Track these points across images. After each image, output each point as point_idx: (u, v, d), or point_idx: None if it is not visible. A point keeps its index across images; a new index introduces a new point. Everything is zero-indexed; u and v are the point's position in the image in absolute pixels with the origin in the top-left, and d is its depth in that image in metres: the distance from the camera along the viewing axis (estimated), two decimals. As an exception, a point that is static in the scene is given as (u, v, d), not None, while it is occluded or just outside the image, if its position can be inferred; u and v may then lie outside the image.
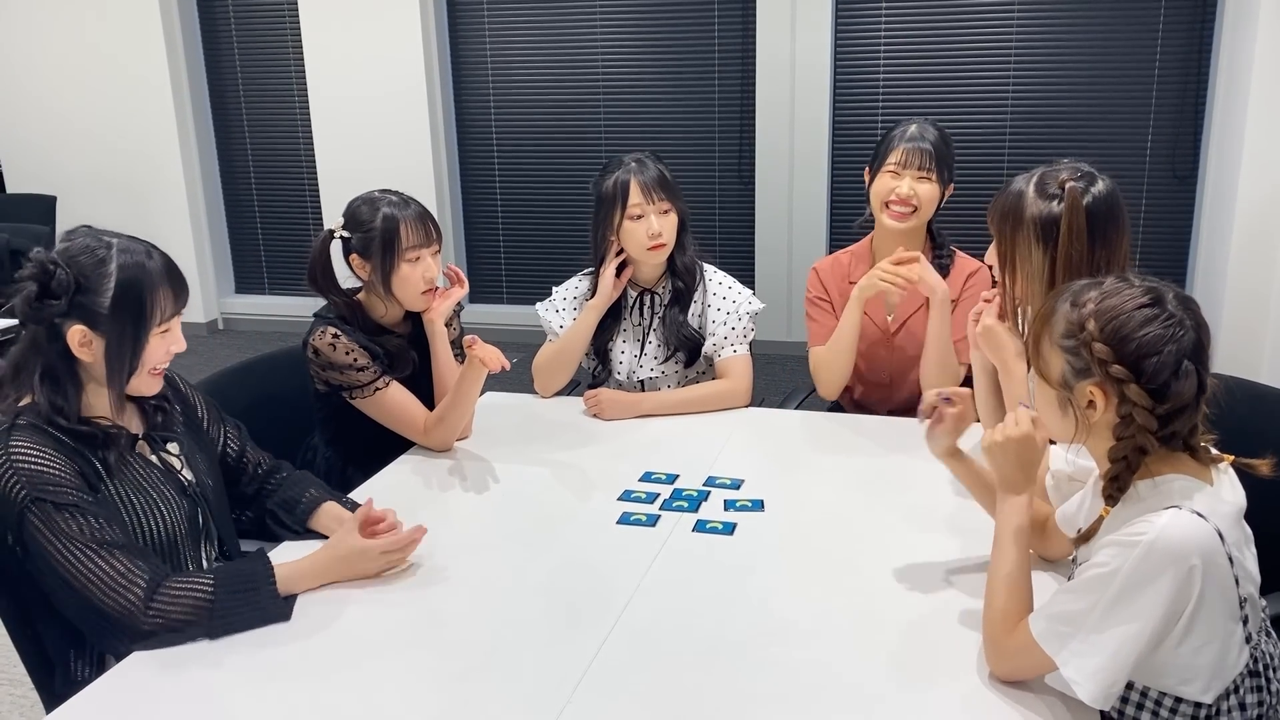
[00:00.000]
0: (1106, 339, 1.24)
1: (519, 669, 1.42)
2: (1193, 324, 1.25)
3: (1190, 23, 4.68)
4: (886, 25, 5.04)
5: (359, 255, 2.16)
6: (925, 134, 2.39)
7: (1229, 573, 1.22)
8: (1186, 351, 1.23)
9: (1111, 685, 1.21)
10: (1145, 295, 1.25)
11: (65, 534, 1.45)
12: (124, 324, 1.53)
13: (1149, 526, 1.20)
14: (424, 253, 2.16)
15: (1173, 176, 4.89)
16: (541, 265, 5.85)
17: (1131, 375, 1.23)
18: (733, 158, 5.45)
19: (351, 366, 2.12)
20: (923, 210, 2.37)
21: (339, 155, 5.78)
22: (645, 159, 2.41)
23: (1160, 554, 1.19)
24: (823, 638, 1.48)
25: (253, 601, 1.51)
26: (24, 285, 1.50)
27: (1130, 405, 1.23)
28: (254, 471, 1.88)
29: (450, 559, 1.74)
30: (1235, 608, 1.24)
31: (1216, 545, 1.21)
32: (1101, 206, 1.73)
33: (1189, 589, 1.19)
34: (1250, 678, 1.27)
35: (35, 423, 1.51)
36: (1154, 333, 1.23)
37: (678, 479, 2.04)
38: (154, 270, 1.55)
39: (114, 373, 1.55)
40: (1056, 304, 1.32)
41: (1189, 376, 1.23)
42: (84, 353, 1.53)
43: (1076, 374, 1.28)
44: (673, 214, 2.41)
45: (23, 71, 6.08)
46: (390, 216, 2.12)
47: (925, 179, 2.36)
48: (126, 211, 6.08)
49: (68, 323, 1.51)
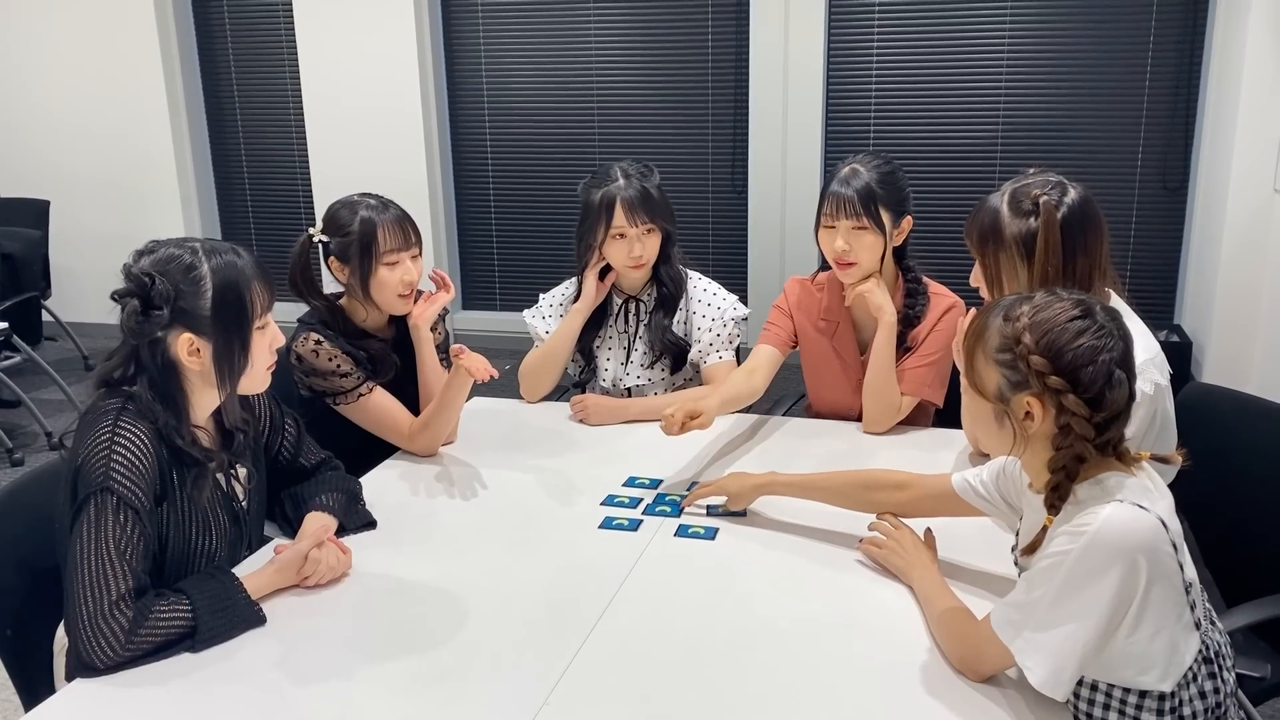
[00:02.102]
0: (1043, 351, 1.27)
1: (497, 671, 1.42)
2: (1120, 334, 1.29)
3: (1180, 35, 4.71)
4: (879, 36, 5.06)
5: (338, 259, 2.17)
6: (854, 179, 2.18)
7: (1174, 559, 1.25)
8: (1117, 360, 1.27)
9: (1060, 671, 1.24)
10: (1076, 308, 1.29)
11: (105, 530, 1.44)
12: (228, 324, 1.55)
13: (1094, 518, 1.23)
14: (402, 256, 2.15)
15: (1163, 188, 4.90)
16: (535, 272, 5.85)
17: (1069, 385, 1.26)
18: (725, 168, 5.47)
19: (334, 373, 2.13)
20: (863, 263, 2.22)
21: (333, 161, 5.78)
22: (633, 172, 2.39)
23: (1104, 546, 1.21)
24: (803, 641, 1.48)
25: (230, 611, 1.51)
26: (125, 302, 1.51)
27: (1069, 415, 1.26)
28: (300, 471, 1.90)
29: (432, 562, 1.74)
30: (1182, 594, 1.26)
31: (1160, 534, 1.23)
32: (1077, 215, 1.74)
33: (1134, 580, 1.22)
34: (1205, 664, 1.30)
35: (146, 413, 1.52)
36: (1087, 344, 1.26)
37: (661, 484, 2.05)
38: (246, 267, 1.58)
39: (224, 375, 1.57)
40: (988, 319, 1.35)
41: (1121, 385, 1.26)
42: (193, 361, 1.55)
43: (1013, 387, 1.31)
44: (656, 233, 2.41)
45: (16, 76, 6.09)
46: (368, 220, 2.13)
47: (861, 229, 2.18)
48: (120, 216, 6.09)
49: (172, 332, 1.53)
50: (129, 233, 1.59)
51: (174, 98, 5.94)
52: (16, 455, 4.29)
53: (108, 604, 1.42)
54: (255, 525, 1.79)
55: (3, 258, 4.81)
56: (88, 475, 1.46)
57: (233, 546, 1.71)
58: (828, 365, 2.41)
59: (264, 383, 1.67)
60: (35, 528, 1.62)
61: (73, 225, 6.06)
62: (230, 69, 6.06)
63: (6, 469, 4.22)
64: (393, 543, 1.83)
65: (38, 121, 6.13)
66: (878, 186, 2.18)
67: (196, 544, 1.62)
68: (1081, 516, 1.25)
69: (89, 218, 6.14)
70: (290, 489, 1.88)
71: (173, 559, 1.60)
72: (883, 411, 2.27)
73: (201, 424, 1.63)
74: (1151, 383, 1.70)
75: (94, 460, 1.47)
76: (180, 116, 5.99)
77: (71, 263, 5.94)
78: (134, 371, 1.56)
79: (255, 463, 1.78)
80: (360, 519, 1.87)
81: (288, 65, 5.90)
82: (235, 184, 6.26)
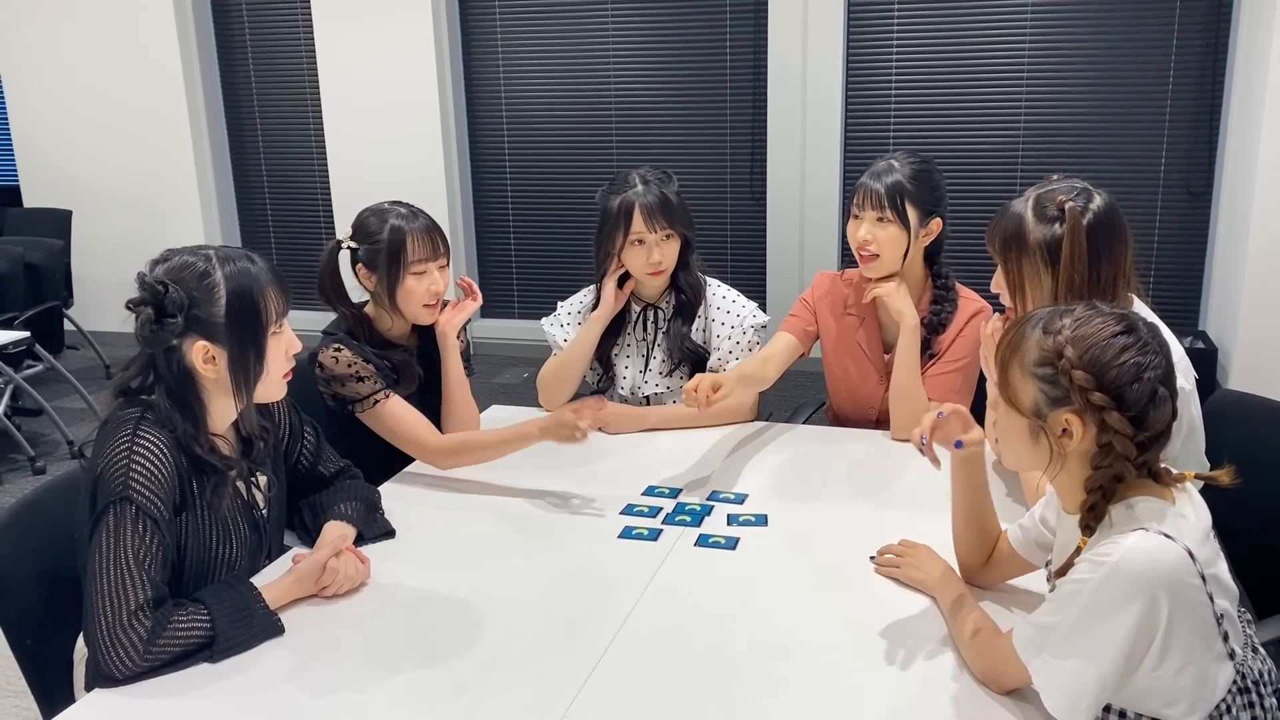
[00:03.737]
0: (1086, 366, 1.23)
1: (516, 682, 1.41)
2: (1162, 351, 1.25)
3: (1204, 38, 4.67)
4: (899, 41, 5.04)
5: (365, 266, 2.17)
6: (886, 173, 2.21)
7: (1201, 591, 1.20)
8: (1161, 378, 1.23)
9: (1076, 701, 1.20)
10: (1119, 323, 1.25)
11: (124, 539, 1.44)
12: (242, 331, 1.55)
13: (1115, 548, 1.19)
14: (430, 266, 2.15)
15: (1187, 193, 4.86)
16: (552, 280, 5.85)
17: (1113, 403, 1.22)
18: (744, 175, 5.45)
19: (352, 377, 2.12)
20: (886, 256, 2.23)
21: (352, 170, 5.81)
22: (651, 179, 2.38)
23: (1123, 579, 1.17)
24: (825, 654, 1.47)
25: (248, 621, 1.51)
26: (139, 311, 1.51)
27: (1111, 433, 1.22)
28: (319, 479, 1.90)
29: (451, 571, 1.73)
30: (1212, 626, 1.22)
31: (1186, 565, 1.18)
32: (1103, 222, 1.72)
33: (1155, 616, 1.17)
34: (1240, 695, 1.25)
35: (165, 421, 1.53)
36: (1132, 360, 1.22)
37: (681, 493, 2.03)
38: (260, 274, 1.58)
39: (240, 382, 1.57)
40: (1025, 331, 1.30)
41: (1164, 403, 1.23)
42: (208, 369, 1.55)
43: (1052, 403, 1.26)
44: (675, 240, 2.40)
45: (40, 88, 6.15)
46: (397, 229, 2.13)
47: (885, 221, 2.20)
48: (141, 225, 6.14)
49: (187, 340, 1.53)
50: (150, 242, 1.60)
51: (194, 108, 5.99)
52: (39, 463, 4.31)
53: (126, 614, 1.41)
54: (276, 533, 1.79)
55: (26, 267, 4.85)
56: (106, 485, 1.46)
57: (253, 555, 1.70)
58: (850, 358, 2.40)
59: (280, 390, 1.67)
60: (56, 537, 1.62)
61: (94, 235, 6.11)
62: (250, 80, 6.09)
63: (29, 477, 4.25)
64: (411, 552, 1.82)
65: (61, 132, 6.19)
66: (908, 182, 2.20)
67: (217, 553, 1.62)
68: (1104, 545, 1.21)
69: (111, 227, 6.18)
70: (309, 498, 1.88)
71: (193, 568, 1.59)
72: (909, 417, 2.25)
73: (221, 432, 1.63)
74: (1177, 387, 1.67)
75: (113, 470, 1.46)
76: (201, 127, 6.03)
77: (93, 272, 5.98)
78: (152, 380, 1.56)
79: (276, 470, 1.77)
80: (379, 528, 1.86)
81: (307, 76, 5.93)
82: (255, 193, 6.30)
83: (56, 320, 5.06)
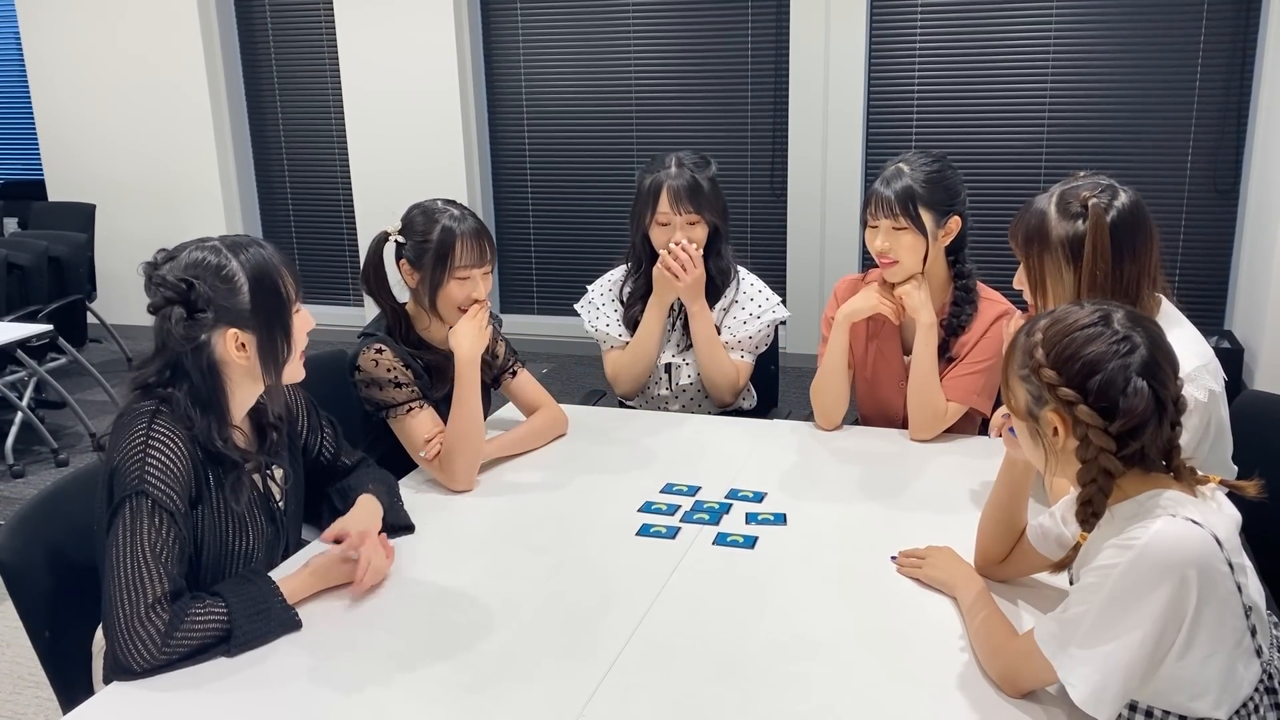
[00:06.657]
0: (1053, 363, 1.24)
1: (533, 680, 1.40)
2: (1145, 341, 1.23)
3: (1232, 34, 4.61)
4: (922, 35, 5.00)
5: (410, 263, 2.12)
6: (896, 179, 2.18)
7: (1229, 578, 1.18)
8: (1135, 368, 1.21)
9: (1104, 690, 1.19)
10: (1092, 315, 1.25)
11: (140, 533, 1.45)
12: (269, 314, 1.57)
13: (1143, 532, 1.18)
14: (474, 272, 2.09)
15: (1214, 190, 4.80)
16: (572, 275, 5.85)
17: (1079, 395, 1.22)
18: (765, 170, 5.43)
19: (391, 383, 2.07)
20: (905, 262, 2.19)
21: (373, 164, 5.82)
22: (687, 162, 2.41)
23: (1152, 560, 1.16)
24: (844, 653, 1.45)
25: (266, 615, 1.51)
26: (168, 311, 1.52)
27: (1084, 426, 1.22)
28: (342, 470, 1.91)
29: (468, 568, 1.73)
30: (1240, 615, 1.20)
31: (1213, 550, 1.17)
32: (1127, 219, 1.69)
33: (1185, 597, 1.16)
34: (1269, 694, 1.23)
35: (180, 413, 1.53)
36: (1096, 350, 1.22)
37: (699, 491, 2.02)
38: (272, 256, 1.59)
39: (269, 365, 1.58)
40: (1019, 336, 1.32)
41: (1139, 394, 1.20)
42: (240, 356, 1.56)
43: (1037, 403, 1.28)
44: (700, 225, 2.40)
45: (64, 83, 6.19)
46: (448, 230, 2.07)
47: (900, 229, 2.16)
48: (164, 219, 6.17)
49: (216, 332, 1.54)
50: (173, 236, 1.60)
51: (217, 103, 6.01)
52: (61, 456, 4.35)
53: (144, 607, 1.42)
54: (293, 526, 1.79)
55: (50, 261, 4.88)
56: (123, 478, 1.47)
57: (270, 548, 1.71)
58: (874, 361, 2.38)
59: (300, 371, 1.67)
60: (76, 530, 1.63)
61: (118, 229, 6.15)
62: (272, 75, 6.12)
63: (51, 469, 4.28)
64: (428, 548, 1.82)
65: (85, 127, 6.23)
66: (919, 186, 2.16)
67: (233, 546, 1.62)
68: (1131, 529, 1.20)
69: (134, 221, 6.22)
70: (336, 484, 1.88)
71: (209, 561, 1.60)
72: (927, 418, 2.23)
73: (237, 423, 1.63)
74: (1205, 389, 1.65)
75: (129, 463, 1.47)
76: (223, 121, 6.06)
77: (116, 266, 6.02)
78: (170, 376, 1.56)
79: (292, 463, 1.78)
80: (399, 517, 1.86)
81: (329, 69, 5.95)
82: (276, 187, 6.32)
83: (80, 313, 5.10)
